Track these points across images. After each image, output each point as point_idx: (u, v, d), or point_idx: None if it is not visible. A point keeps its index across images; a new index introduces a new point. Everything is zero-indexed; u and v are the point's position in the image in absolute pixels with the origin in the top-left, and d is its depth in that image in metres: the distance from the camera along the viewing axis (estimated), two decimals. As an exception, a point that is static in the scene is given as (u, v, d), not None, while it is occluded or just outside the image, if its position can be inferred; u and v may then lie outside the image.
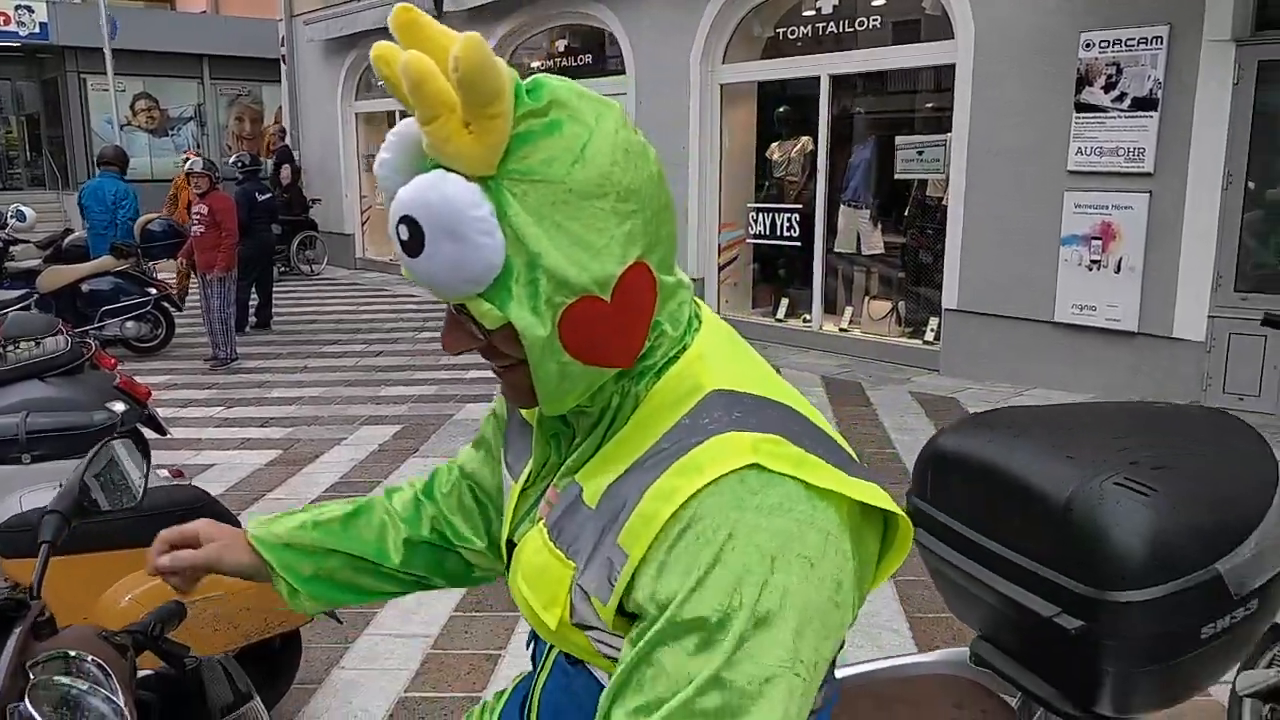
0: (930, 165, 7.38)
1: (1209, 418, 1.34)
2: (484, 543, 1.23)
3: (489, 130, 0.80)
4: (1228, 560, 1.14)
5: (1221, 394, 5.84)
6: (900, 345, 7.81)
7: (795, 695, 0.80)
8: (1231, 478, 1.21)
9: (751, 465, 0.83)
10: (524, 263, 0.83)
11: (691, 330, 0.95)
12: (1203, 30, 5.66)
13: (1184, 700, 1.27)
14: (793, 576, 0.80)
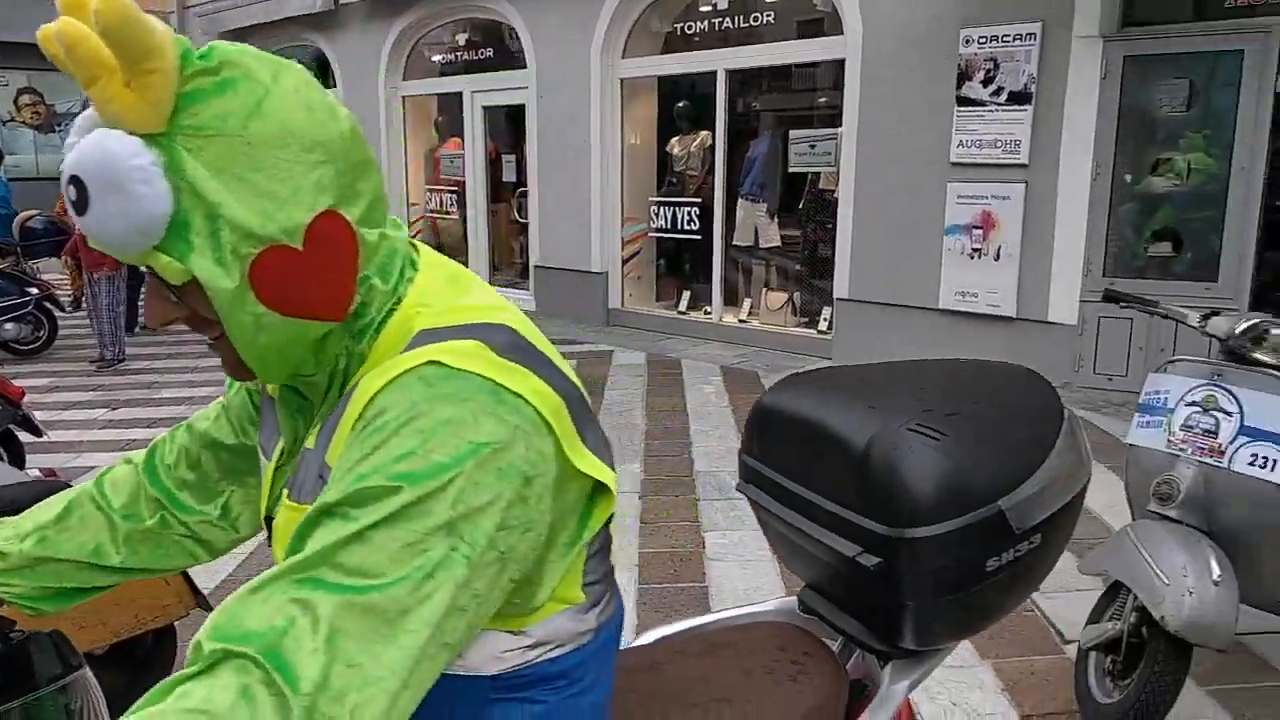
0: (822, 159, 7.57)
1: (1006, 371, 1.44)
2: (217, 512, 1.23)
3: (149, 86, 0.81)
4: (1010, 498, 1.23)
5: (1092, 374, 6.14)
6: (796, 335, 7.99)
7: (456, 569, 0.80)
8: (1019, 424, 1.31)
9: (431, 362, 0.86)
10: (203, 215, 0.84)
11: (405, 280, 0.97)
12: (1073, 27, 5.94)
13: (979, 631, 1.36)
14: (464, 459, 0.82)
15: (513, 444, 0.85)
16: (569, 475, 0.92)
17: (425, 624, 0.79)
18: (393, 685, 0.76)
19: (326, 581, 0.77)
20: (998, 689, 3.01)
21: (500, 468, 0.83)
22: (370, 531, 0.79)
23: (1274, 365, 2.65)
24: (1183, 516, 2.68)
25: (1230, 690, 2.95)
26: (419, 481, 0.80)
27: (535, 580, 0.93)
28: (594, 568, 1.00)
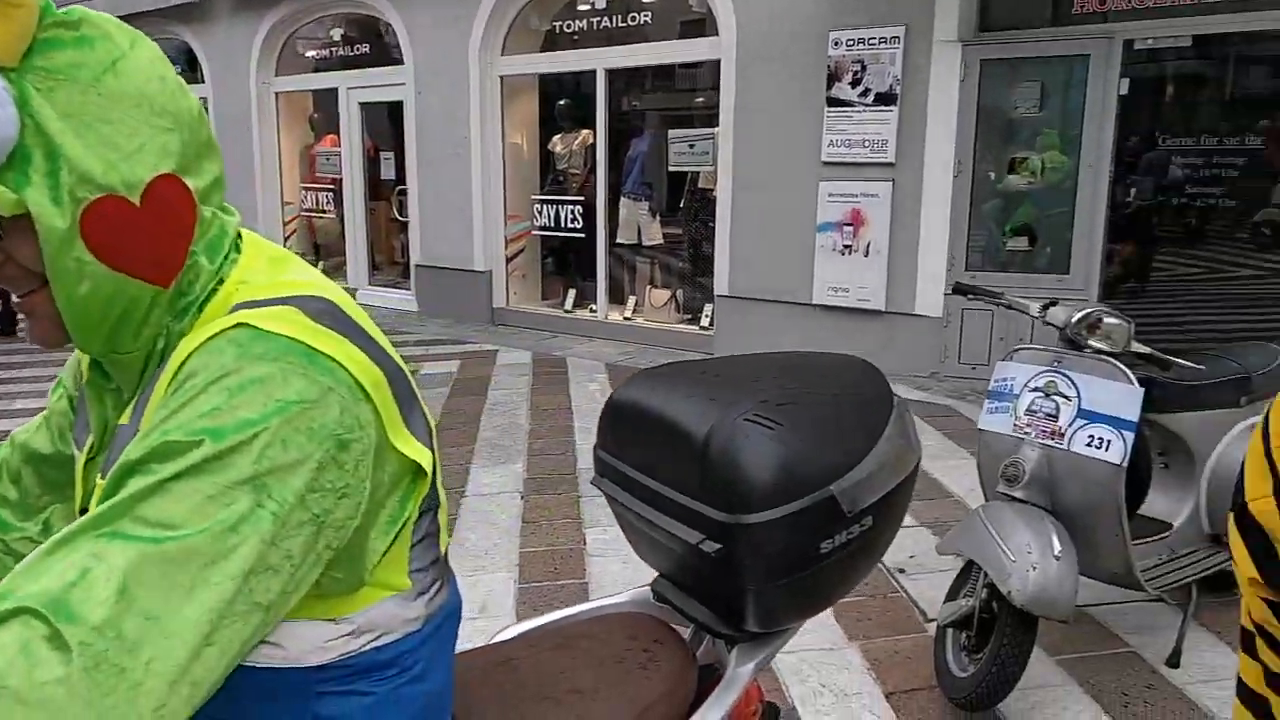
0: (701, 158, 7.69)
1: (841, 362, 1.51)
2: (38, 528, 1.20)
3: (8, 18, 0.81)
4: (841, 483, 1.29)
5: (957, 364, 6.42)
6: (679, 332, 8.10)
7: (262, 525, 0.80)
8: (850, 412, 1.37)
9: (241, 324, 0.87)
10: (44, 152, 0.84)
11: (229, 262, 0.98)
12: (933, 31, 6.20)
13: (820, 611, 1.43)
14: (270, 415, 0.82)
15: (325, 405, 0.85)
16: (388, 449, 0.92)
17: (229, 577, 0.78)
18: (193, 639, 0.75)
19: (125, 533, 0.76)
20: (864, 669, 3.12)
21: (311, 427, 0.83)
22: (171, 483, 0.78)
23: (1107, 351, 2.83)
24: (1028, 496, 2.83)
25: (1075, 659, 3.13)
26: (222, 436, 0.80)
27: (357, 557, 0.92)
28: (420, 554, 1.01)
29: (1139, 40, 5.96)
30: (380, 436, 0.90)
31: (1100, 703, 2.90)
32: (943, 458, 5.07)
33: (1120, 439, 2.71)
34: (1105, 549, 2.83)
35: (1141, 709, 2.87)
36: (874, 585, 3.68)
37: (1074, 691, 2.96)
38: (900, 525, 1.48)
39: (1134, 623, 3.35)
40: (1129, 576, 2.88)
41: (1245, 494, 1.66)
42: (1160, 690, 2.96)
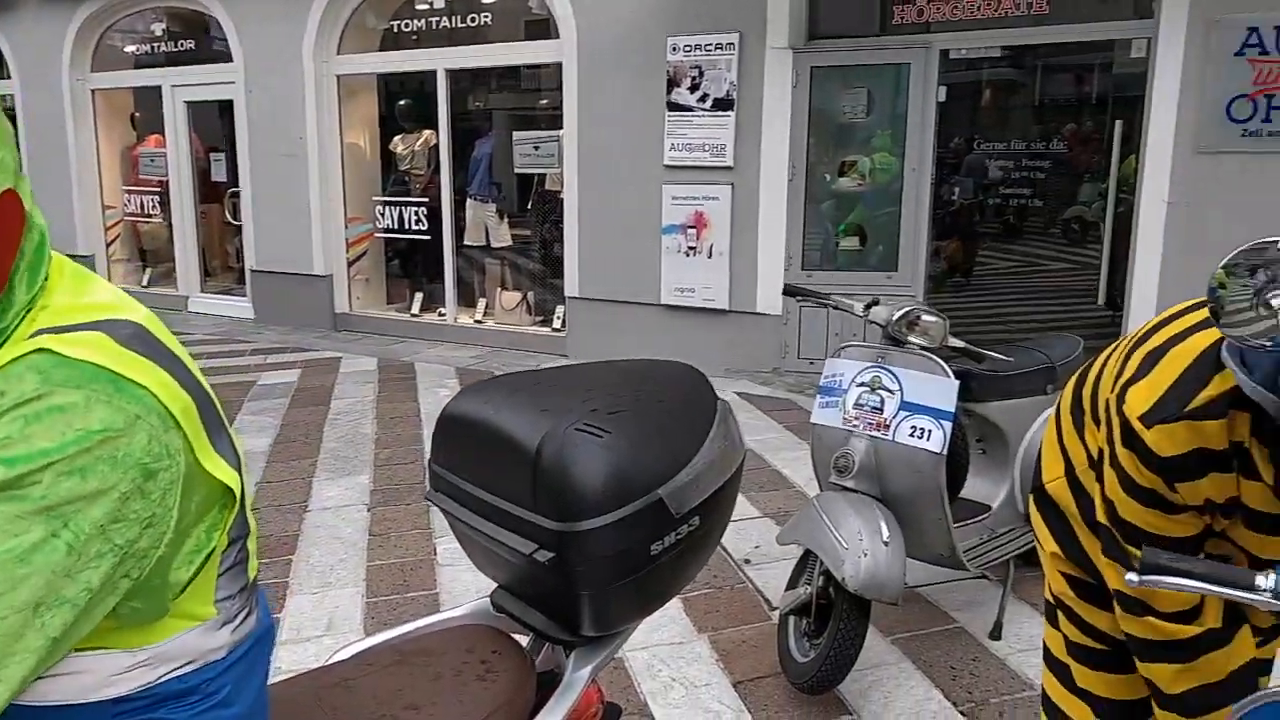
0: (547, 160, 7.70)
1: (669, 369, 1.55)
2: None
3: None
4: (668, 486, 1.34)
5: (797, 359, 6.67)
6: (531, 334, 8.09)
7: (54, 556, 0.78)
8: (676, 417, 1.42)
9: (40, 350, 0.84)
10: None
11: (41, 289, 0.94)
12: (766, 39, 6.41)
13: (655, 610, 1.47)
14: (68, 445, 0.80)
15: (132, 433, 0.83)
16: (197, 476, 0.90)
17: (14, 609, 0.75)
18: None
19: None
20: (713, 660, 3.21)
21: (115, 456, 0.81)
22: None
23: (926, 347, 3.01)
24: (858, 485, 2.98)
25: (908, 638, 3.32)
26: (15, 464, 0.77)
27: (159, 587, 0.90)
28: (227, 583, 0.99)
29: (954, 50, 6.34)
30: (190, 464, 0.88)
31: (931, 678, 3.08)
32: (785, 450, 5.25)
33: (940, 428, 2.88)
34: (930, 532, 3.01)
35: (968, 680, 3.07)
36: (721, 577, 3.79)
37: (907, 669, 3.14)
38: (728, 522, 1.54)
39: (960, 600, 3.57)
40: (953, 557, 3.07)
41: (1042, 476, 1.80)
42: (984, 662, 3.16)
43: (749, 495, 4.64)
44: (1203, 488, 1.34)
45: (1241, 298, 1.13)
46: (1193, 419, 1.30)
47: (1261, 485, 1.32)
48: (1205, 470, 1.32)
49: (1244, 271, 1.13)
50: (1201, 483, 1.33)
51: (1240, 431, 1.30)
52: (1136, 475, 1.38)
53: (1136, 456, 1.36)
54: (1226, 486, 1.33)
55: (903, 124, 6.35)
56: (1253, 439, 1.30)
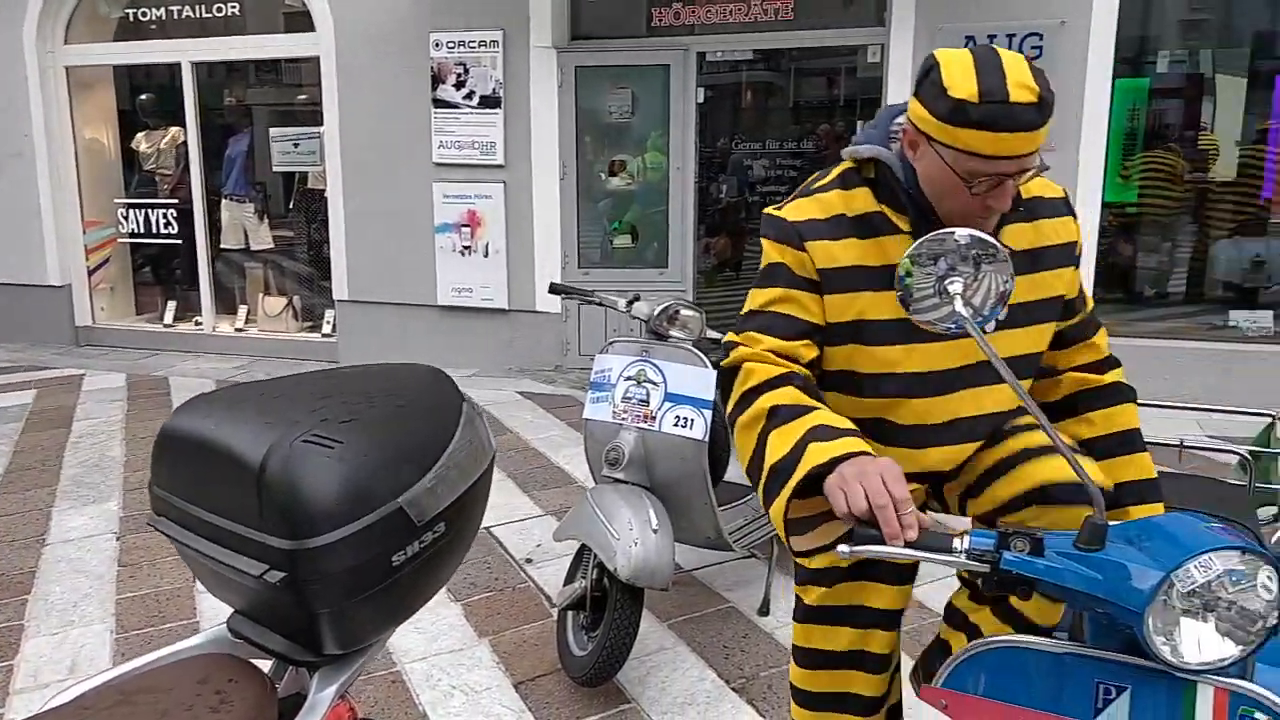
0: (308, 158, 7.37)
1: (407, 372, 1.52)
2: None
3: None
4: (409, 494, 1.30)
5: (578, 356, 6.73)
6: (299, 341, 7.72)
7: None
8: (416, 422, 1.39)
9: None
10: None
11: None
12: (530, 38, 6.41)
13: (404, 620, 1.43)
14: None
15: None
16: None
17: None
18: None
19: None
20: (494, 663, 3.18)
21: None
22: None
23: (687, 338, 3.11)
24: (629, 477, 3.04)
25: (683, 621, 3.42)
26: None
27: None
28: None
29: (711, 53, 6.58)
30: None
31: (705, 658, 3.19)
32: (567, 447, 5.29)
33: (701, 417, 2.99)
34: (697, 517, 3.11)
35: (740, 657, 3.20)
36: (503, 579, 3.76)
37: (683, 652, 3.23)
38: (479, 526, 1.52)
39: (730, 579, 3.71)
40: (720, 539, 3.19)
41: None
42: (754, 638, 3.31)
43: (532, 494, 4.64)
44: (825, 249, 1.60)
45: (925, 285, 1.24)
46: (814, 194, 1.66)
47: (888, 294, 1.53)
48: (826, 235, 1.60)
49: (927, 260, 1.23)
50: (828, 244, 1.60)
51: (859, 205, 1.62)
52: (769, 254, 1.65)
53: (769, 237, 1.66)
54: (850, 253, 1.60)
55: (665, 124, 6.53)
56: (883, 205, 1.60)
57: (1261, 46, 6.17)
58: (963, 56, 1.46)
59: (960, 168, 1.43)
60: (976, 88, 1.39)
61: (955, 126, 1.40)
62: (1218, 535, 1.17)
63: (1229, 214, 6.33)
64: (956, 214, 1.50)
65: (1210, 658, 1.15)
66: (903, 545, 1.26)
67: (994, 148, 1.39)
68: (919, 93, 1.48)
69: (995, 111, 1.38)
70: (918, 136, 1.50)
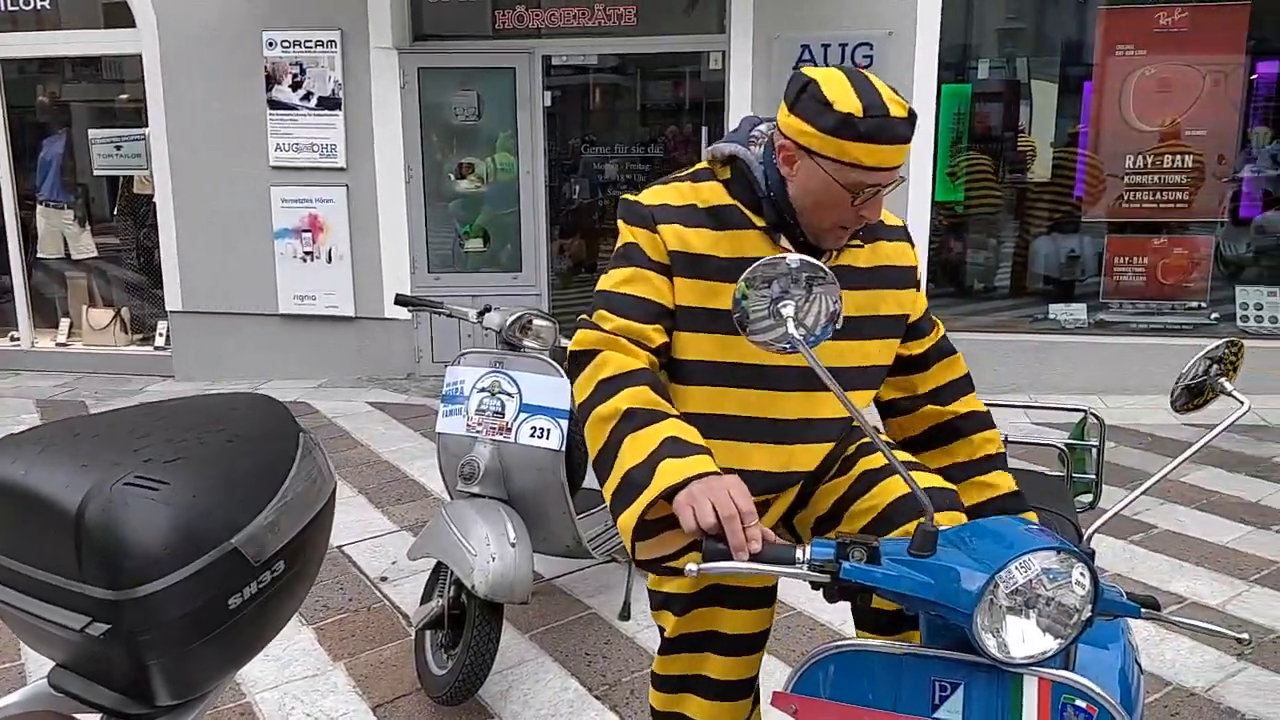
0: (132, 160, 6.95)
1: (239, 403, 1.45)
2: None
3: None
4: (243, 534, 1.24)
5: (432, 364, 6.60)
6: (129, 355, 7.28)
7: None
8: (249, 457, 1.32)
9: None
10: None
11: None
12: (369, 38, 6.23)
13: (244, 665, 1.37)
14: None
15: None
16: None
17: None
18: None
19: None
20: (350, 687, 3.09)
21: None
22: None
23: (539, 349, 3.10)
24: (485, 490, 3.00)
25: (545, 631, 3.41)
26: None
27: None
28: None
29: (556, 56, 6.57)
30: None
31: (568, 667, 3.19)
32: (421, 458, 5.17)
33: (557, 427, 2.98)
34: (556, 526, 3.10)
35: (601, 664, 3.21)
36: (357, 599, 3.66)
37: (545, 662, 3.22)
38: (322, 560, 1.47)
39: (592, 586, 3.72)
40: (579, 547, 3.20)
41: None
42: (616, 644, 3.33)
43: (386, 509, 4.52)
44: (677, 232, 1.64)
45: (760, 308, 1.27)
46: (669, 183, 1.71)
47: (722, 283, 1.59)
48: (678, 220, 1.64)
49: (761, 284, 1.27)
50: (681, 229, 1.64)
51: (709, 197, 1.67)
52: (623, 236, 1.68)
53: (624, 219, 1.69)
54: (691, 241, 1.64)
55: (513, 127, 6.47)
56: (736, 200, 1.66)
57: (1070, 55, 6.64)
58: (835, 75, 1.51)
59: (843, 179, 1.49)
60: (859, 103, 1.45)
61: (842, 140, 1.46)
62: (1036, 536, 1.25)
63: (1046, 212, 6.78)
64: (829, 223, 1.57)
65: (1033, 651, 1.23)
66: (748, 559, 1.29)
67: (876, 159, 1.47)
68: (796, 108, 1.52)
69: (879, 125, 1.45)
70: (796, 152, 1.54)
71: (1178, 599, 3.53)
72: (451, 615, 2.91)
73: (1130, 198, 6.21)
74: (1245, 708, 2.89)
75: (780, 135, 1.57)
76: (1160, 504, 4.40)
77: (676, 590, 1.80)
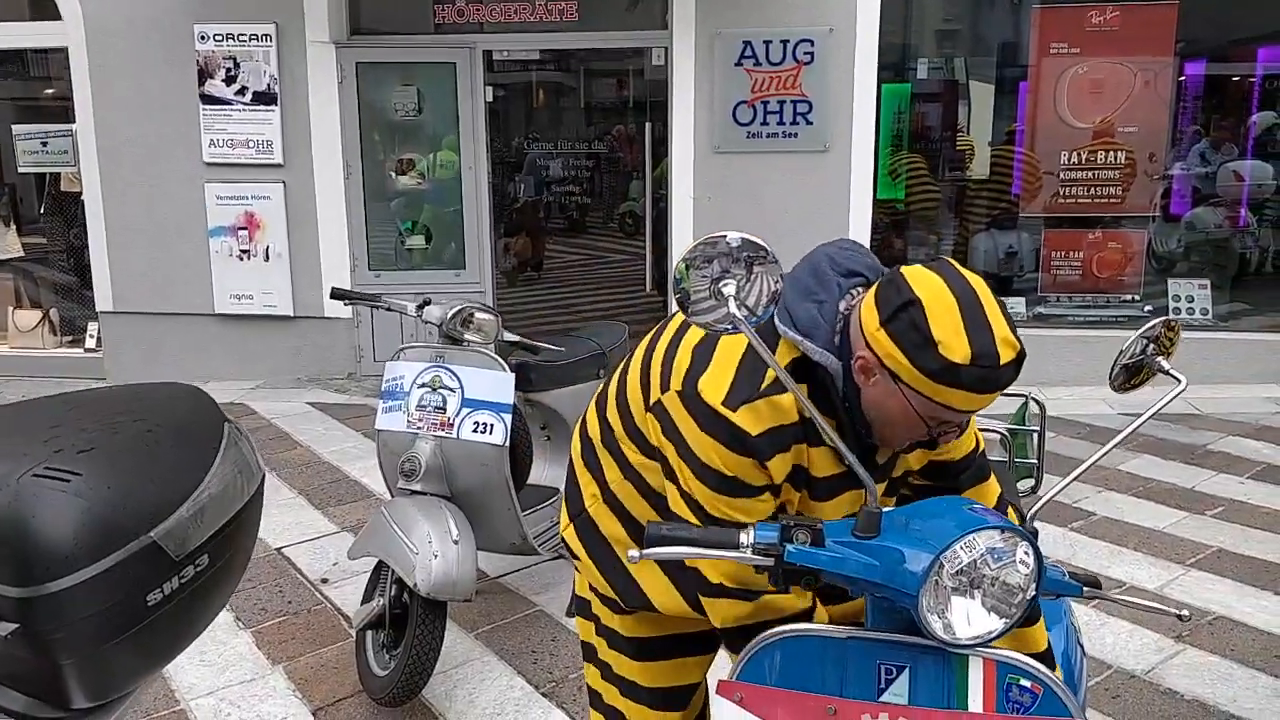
0: (59, 158, 6.73)
1: (161, 393, 1.39)
2: None
3: None
4: (162, 527, 1.19)
5: (374, 363, 6.48)
6: (58, 357, 7.04)
7: None
8: (172, 445, 1.27)
9: None
10: None
11: None
12: (305, 32, 6.10)
13: (167, 664, 1.31)
14: None
15: None
16: None
17: None
18: None
19: None
20: (290, 691, 3.01)
21: None
22: None
23: (482, 343, 3.05)
24: (426, 488, 2.94)
25: (490, 630, 3.35)
26: None
27: None
28: None
29: (497, 51, 6.50)
30: None
31: (514, 665, 3.14)
32: (363, 459, 5.07)
33: (501, 421, 2.93)
34: (500, 523, 3.06)
35: (548, 661, 3.17)
36: (296, 602, 3.57)
37: (491, 661, 3.17)
38: (249, 555, 1.41)
39: (538, 583, 3.68)
40: (525, 544, 3.15)
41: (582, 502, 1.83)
42: (562, 640, 3.28)
43: (326, 510, 4.42)
44: (787, 460, 1.40)
45: (701, 288, 1.24)
46: (769, 395, 1.38)
47: (825, 450, 1.43)
48: (788, 444, 1.39)
49: (701, 263, 1.24)
50: (786, 455, 1.40)
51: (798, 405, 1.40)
52: (722, 463, 1.39)
53: (722, 443, 1.38)
54: (800, 457, 1.42)
55: (455, 123, 6.39)
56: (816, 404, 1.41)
57: (1007, 55, 6.75)
58: (945, 299, 1.28)
59: (928, 415, 1.32)
60: (969, 349, 1.25)
61: (941, 385, 1.27)
62: (980, 515, 1.25)
63: (985, 209, 6.89)
64: (898, 440, 1.41)
65: (979, 632, 1.23)
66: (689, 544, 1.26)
67: (973, 405, 1.30)
68: (891, 327, 1.29)
69: (986, 376, 1.26)
70: (880, 371, 1.32)
71: (1117, 583, 3.59)
72: (393, 615, 2.85)
73: (1066, 194, 6.33)
74: (1184, 689, 2.95)
75: (863, 344, 1.33)
76: (1098, 491, 4.48)
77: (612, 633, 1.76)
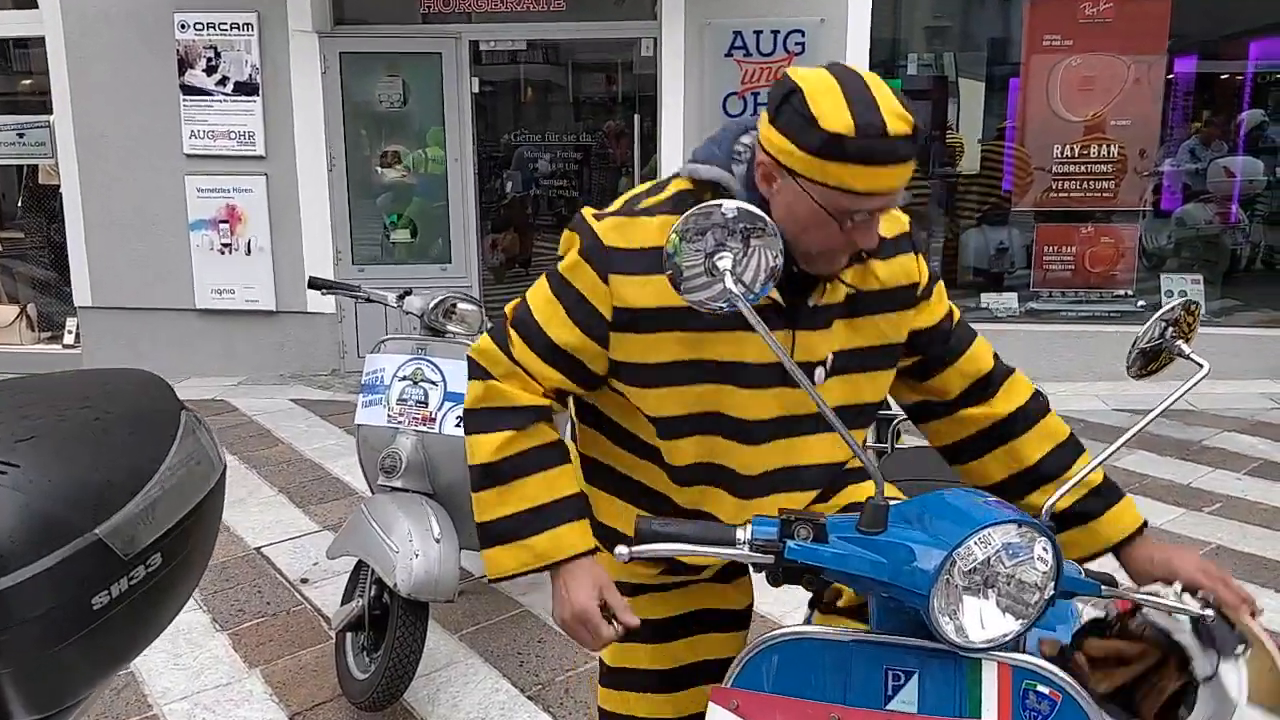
0: (37, 149, 6.60)
1: (113, 379, 1.29)
2: None
3: None
4: (110, 523, 1.09)
5: (357, 358, 6.37)
6: (37, 353, 6.91)
7: None
8: (121, 435, 1.16)
9: None
10: None
11: None
12: (287, 21, 5.99)
13: (120, 669, 1.22)
14: None
15: None
16: None
17: None
18: None
19: None
20: (267, 695, 2.92)
21: None
22: None
23: (465, 334, 2.95)
24: (407, 484, 2.85)
25: (475, 631, 3.26)
26: None
27: None
28: None
29: (484, 42, 6.40)
30: None
31: (499, 668, 3.05)
32: (344, 455, 4.97)
33: (484, 416, 2.83)
34: (484, 522, 2.96)
35: (534, 663, 3.08)
36: (275, 603, 3.47)
37: (475, 663, 3.08)
38: (210, 552, 1.31)
39: (524, 583, 3.53)
40: (510, 543, 3.05)
41: None
42: (549, 642, 3.20)
43: (307, 509, 4.32)
44: (641, 289, 1.37)
45: (694, 262, 1.16)
46: (639, 215, 1.42)
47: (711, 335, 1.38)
48: (649, 270, 1.36)
49: (694, 236, 1.15)
50: (639, 281, 1.37)
51: None
52: (568, 259, 1.43)
53: (579, 244, 1.42)
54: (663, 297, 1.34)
55: (440, 115, 6.29)
56: None
57: (998, 49, 6.69)
58: (825, 80, 1.26)
59: (830, 205, 1.26)
60: (851, 120, 1.21)
61: (828, 161, 1.23)
62: (995, 509, 1.16)
63: (975, 204, 6.84)
64: (817, 250, 1.34)
65: (993, 634, 1.14)
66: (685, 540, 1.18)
67: (870, 183, 1.24)
68: (779, 121, 1.28)
69: (873, 146, 1.22)
70: (776, 170, 1.30)
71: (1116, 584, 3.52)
72: (373, 616, 2.76)
73: (1057, 188, 6.27)
74: (1184, 689, 2.88)
75: (760, 149, 1.33)
76: (1094, 489, 4.42)
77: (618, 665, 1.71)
